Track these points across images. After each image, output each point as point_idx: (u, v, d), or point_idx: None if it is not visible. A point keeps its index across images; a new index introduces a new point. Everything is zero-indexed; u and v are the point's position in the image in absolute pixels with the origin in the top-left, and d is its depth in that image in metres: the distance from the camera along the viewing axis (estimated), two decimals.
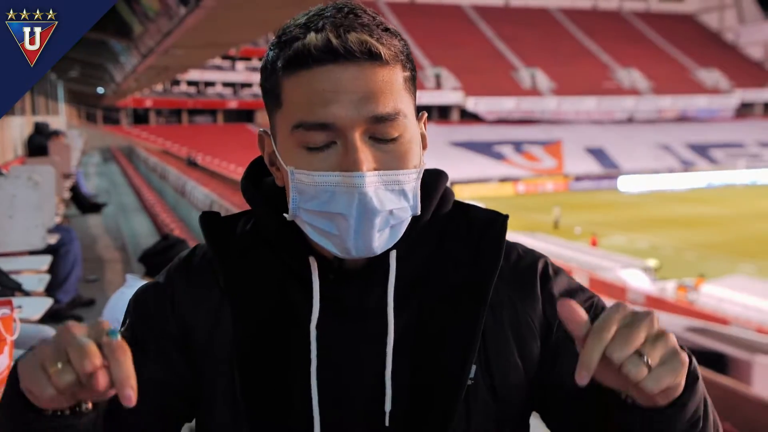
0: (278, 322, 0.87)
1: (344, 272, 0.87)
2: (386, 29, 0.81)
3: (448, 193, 0.93)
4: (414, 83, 0.86)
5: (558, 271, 0.94)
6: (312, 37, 0.78)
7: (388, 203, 0.81)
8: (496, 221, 0.92)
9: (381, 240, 0.82)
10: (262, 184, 0.94)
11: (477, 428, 0.86)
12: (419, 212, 0.85)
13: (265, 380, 0.86)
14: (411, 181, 0.83)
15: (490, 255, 0.89)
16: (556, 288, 0.91)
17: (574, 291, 0.92)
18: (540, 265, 0.92)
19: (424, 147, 0.89)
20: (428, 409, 0.84)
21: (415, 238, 0.88)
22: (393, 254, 0.87)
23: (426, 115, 0.91)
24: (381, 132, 0.80)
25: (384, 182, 0.80)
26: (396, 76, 0.81)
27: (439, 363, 0.85)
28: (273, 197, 0.90)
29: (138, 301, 0.94)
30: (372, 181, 0.79)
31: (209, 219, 0.94)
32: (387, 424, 0.85)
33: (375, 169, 0.80)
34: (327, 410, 0.85)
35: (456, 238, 0.91)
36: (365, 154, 0.79)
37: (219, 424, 0.89)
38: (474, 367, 0.85)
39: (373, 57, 0.78)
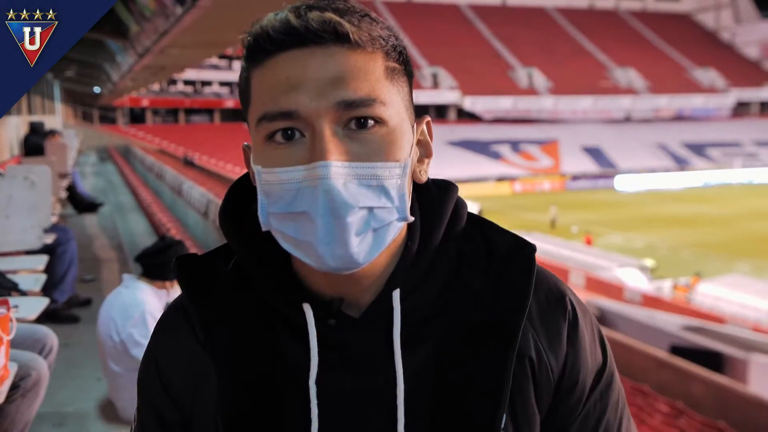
0: (270, 379, 0.76)
1: (344, 317, 0.76)
2: (366, 15, 0.72)
3: (459, 207, 0.82)
4: (405, 78, 0.76)
5: (584, 311, 0.83)
6: (270, 18, 0.71)
7: (364, 199, 0.69)
8: (521, 252, 0.80)
9: (363, 247, 0.69)
10: (244, 214, 0.81)
11: None
12: (409, 216, 0.73)
13: None
14: (393, 176, 0.71)
15: (516, 295, 0.78)
16: (580, 337, 0.81)
17: (594, 340, 0.83)
18: (568, 305, 0.81)
19: (429, 155, 0.79)
20: None
21: (425, 268, 0.77)
22: (396, 294, 0.75)
23: (429, 119, 0.80)
24: (354, 117, 0.70)
25: (357, 175, 0.69)
26: (374, 63, 0.71)
27: (467, 415, 0.75)
28: (257, 230, 0.76)
29: (139, 381, 0.86)
30: (340, 173, 0.68)
31: (184, 264, 0.83)
32: None
33: (346, 161, 0.69)
34: None
35: (474, 267, 0.79)
36: (334, 145, 0.68)
37: None
38: (504, 417, 0.75)
39: (340, 38, 0.69)
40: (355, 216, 0.69)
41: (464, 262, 0.80)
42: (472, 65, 55.31)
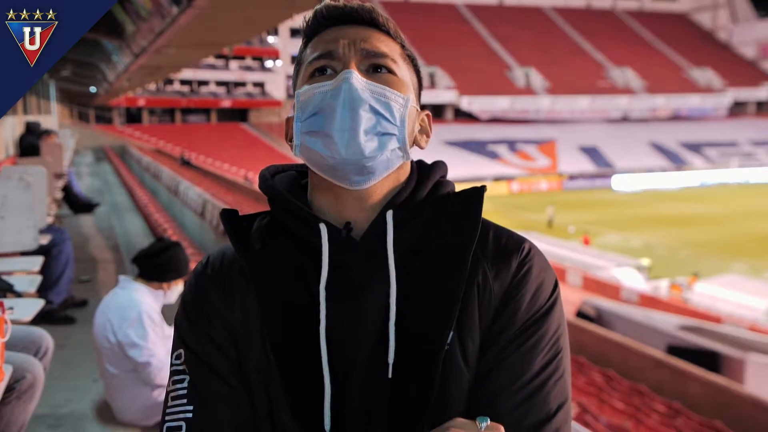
0: (295, 295, 0.94)
1: (349, 239, 0.94)
2: (387, 18, 0.98)
3: (448, 183, 1.01)
4: (414, 74, 1.00)
5: (542, 265, 0.96)
6: (323, 6, 0.98)
7: (374, 103, 0.90)
8: (475, 194, 0.99)
9: (369, 144, 0.89)
10: (275, 179, 1.04)
11: (453, 393, 0.91)
12: (408, 143, 0.94)
13: (288, 346, 0.92)
14: (397, 103, 0.92)
15: (468, 222, 0.96)
16: (527, 276, 0.94)
17: (541, 286, 0.95)
18: (525, 250, 0.96)
19: (428, 136, 1.01)
20: (415, 371, 0.90)
21: (412, 209, 0.97)
22: (389, 214, 0.94)
23: (429, 113, 1.02)
24: (372, 65, 0.94)
25: (371, 90, 0.91)
26: (393, 44, 0.97)
27: (421, 329, 0.91)
28: (284, 188, 1.01)
29: (184, 321, 1.00)
30: (359, 80, 0.90)
31: (230, 214, 1.02)
32: (390, 375, 0.90)
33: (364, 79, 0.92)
34: (336, 365, 0.90)
35: (444, 213, 0.98)
36: (357, 70, 0.92)
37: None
38: (451, 334, 0.91)
39: (372, 21, 0.96)
40: (366, 112, 0.90)
41: (440, 212, 0.98)
42: (470, 65, 55.37)
